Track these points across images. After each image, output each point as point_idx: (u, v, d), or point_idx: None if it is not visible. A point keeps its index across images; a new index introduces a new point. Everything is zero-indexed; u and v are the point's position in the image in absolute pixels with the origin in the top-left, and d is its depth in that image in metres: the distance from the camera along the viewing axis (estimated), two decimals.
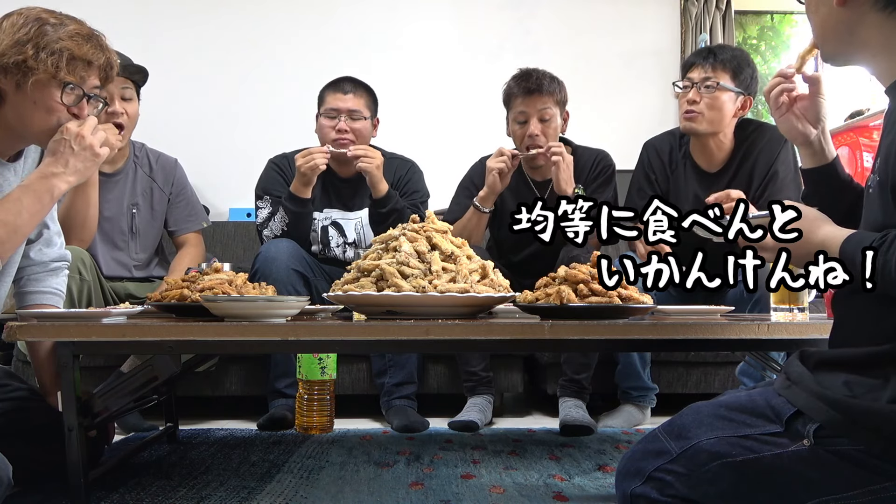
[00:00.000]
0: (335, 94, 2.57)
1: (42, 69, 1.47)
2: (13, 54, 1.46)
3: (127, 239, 2.49)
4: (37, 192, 1.49)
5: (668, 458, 1.06)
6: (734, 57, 2.38)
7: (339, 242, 2.64)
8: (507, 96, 2.57)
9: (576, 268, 1.53)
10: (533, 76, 2.50)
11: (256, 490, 1.63)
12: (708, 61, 2.37)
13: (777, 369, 1.93)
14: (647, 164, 2.55)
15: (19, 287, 1.74)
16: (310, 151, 2.45)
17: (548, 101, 2.49)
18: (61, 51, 1.48)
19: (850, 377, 0.98)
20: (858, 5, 1.04)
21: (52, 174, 1.51)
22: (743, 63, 2.38)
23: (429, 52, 4.21)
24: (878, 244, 0.96)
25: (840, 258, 1.03)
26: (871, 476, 0.94)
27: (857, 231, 1.05)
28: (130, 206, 2.50)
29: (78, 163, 1.52)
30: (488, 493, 1.61)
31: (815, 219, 1.11)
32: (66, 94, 1.52)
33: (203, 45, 4.03)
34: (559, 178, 2.41)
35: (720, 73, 2.36)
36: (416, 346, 2.14)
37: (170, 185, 2.60)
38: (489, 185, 2.46)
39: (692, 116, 2.38)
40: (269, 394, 2.45)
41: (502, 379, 2.59)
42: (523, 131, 2.51)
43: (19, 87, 1.49)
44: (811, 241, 1.09)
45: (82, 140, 1.52)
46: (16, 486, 1.38)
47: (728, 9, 4.38)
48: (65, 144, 1.51)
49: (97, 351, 2.16)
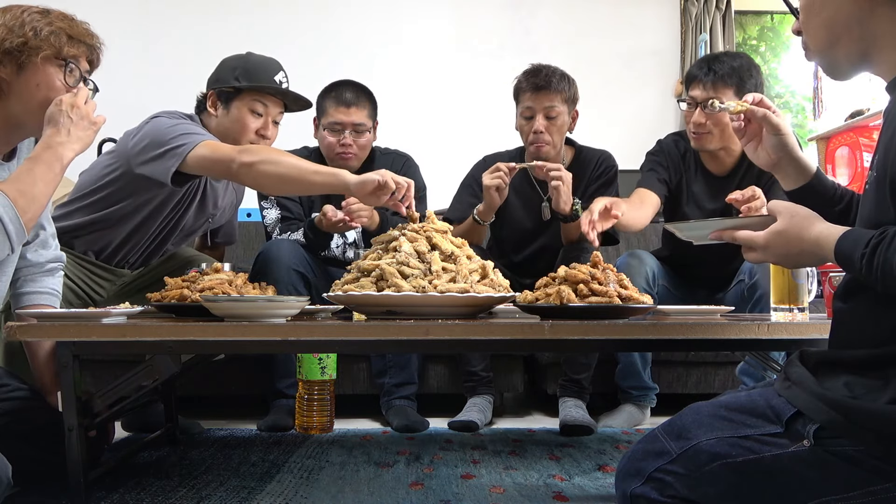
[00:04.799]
0: (338, 108, 2.53)
1: (46, 46, 1.51)
2: (13, 38, 1.49)
3: (181, 239, 2.39)
4: (47, 162, 1.50)
5: (668, 459, 1.06)
6: (734, 70, 2.29)
7: (340, 243, 2.63)
8: (517, 91, 2.56)
9: (576, 268, 1.53)
10: (542, 73, 2.49)
11: (256, 490, 1.63)
12: (708, 78, 2.29)
13: (777, 369, 1.93)
14: (661, 153, 2.51)
15: (16, 288, 1.74)
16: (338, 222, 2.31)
17: (555, 99, 2.48)
18: (58, 31, 1.53)
19: (851, 378, 0.98)
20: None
21: (58, 143, 1.52)
22: (745, 74, 2.30)
23: (429, 52, 4.21)
24: (876, 241, 0.95)
25: (835, 257, 1.02)
26: (871, 477, 0.94)
27: (852, 229, 1.03)
28: (211, 214, 2.40)
29: (79, 131, 1.54)
30: (488, 493, 1.61)
31: (808, 216, 1.09)
32: (69, 75, 1.55)
33: (203, 45, 4.03)
34: (558, 199, 2.37)
35: (722, 90, 2.28)
36: (416, 346, 2.14)
37: (238, 201, 2.57)
38: (487, 203, 2.43)
39: (700, 136, 2.35)
40: (270, 394, 2.45)
41: (502, 379, 2.59)
42: (529, 127, 2.51)
43: (21, 71, 1.51)
44: (804, 238, 1.07)
45: (78, 110, 1.54)
46: (16, 486, 1.38)
47: (728, 9, 4.39)
48: (63, 115, 1.53)
49: (97, 351, 2.16)
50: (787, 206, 1.12)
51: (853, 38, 1.05)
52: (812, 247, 1.06)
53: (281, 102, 2.29)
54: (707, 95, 2.29)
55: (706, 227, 1.26)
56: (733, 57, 2.37)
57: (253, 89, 2.22)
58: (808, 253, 1.08)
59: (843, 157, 3.64)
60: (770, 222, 1.12)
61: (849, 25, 1.04)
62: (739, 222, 1.22)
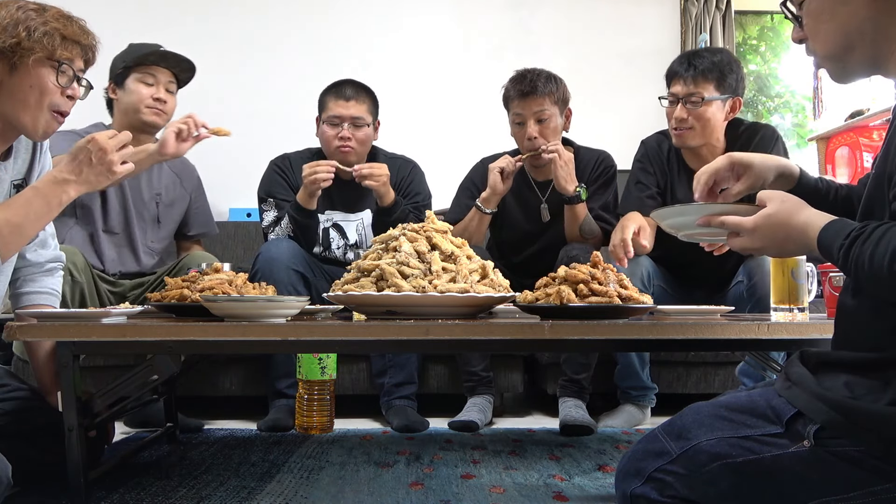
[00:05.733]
0: (337, 101, 2.56)
1: (39, 48, 1.49)
2: (6, 37, 1.48)
3: (146, 227, 2.52)
4: (46, 197, 1.51)
5: (668, 459, 1.06)
6: (714, 64, 2.30)
7: (340, 244, 2.64)
8: (505, 99, 2.58)
9: (576, 268, 1.53)
10: (527, 78, 2.49)
11: (256, 490, 1.63)
12: (689, 73, 2.30)
13: (777, 369, 1.93)
14: (646, 158, 2.52)
15: (15, 288, 1.74)
16: (315, 165, 2.43)
17: (544, 103, 2.48)
18: (52, 32, 1.51)
19: (851, 378, 0.98)
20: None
21: (65, 180, 1.53)
22: (725, 68, 2.30)
23: (429, 51, 4.21)
24: (856, 234, 0.94)
25: (817, 245, 1.02)
26: (872, 477, 0.94)
27: (840, 219, 1.02)
28: (155, 195, 2.55)
29: (91, 175, 1.55)
30: (488, 493, 1.61)
31: (798, 202, 1.09)
32: (61, 76, 1.54)
33: (202, 45, 4.02)
34: (558, 175, 2.40)
35: (703, 85, 2.30)
36: (416, 346, 2.14)
37: (192, 186, 2.66)
38: (491, 186, 2.46)
39: (682, 133, 2.35)
40: (270, 394, 2.45)
41: (502, 379, 2.59)
42: (522, 133, 2.52)
43: (14, 71, 1.50)
44: (791, 223, 1.07)
45: (103, 155, 1.54)
46: (16, 486, 1.38)
47: (728, 9, 4.38)
48: (85, 153, 1.54)
49: (97, 351, 2.16)
50: (777, 193, 1.12)
51: (866, 42, 1.02)
52: (799, 233, 1.06)
53: (168, 71, 2.46)
54: (688, 91, 2.31)
55: (693, 211, 1.21)
56: (713, 52, 2.38)
57: (137, 63, 2.42)
58: (794, 239, 1.07)
59: (843, 157, 3.64)
60: (758, 210, 1.12)
61: (862, 30, 1.01)
62: (727, 208, 1.18)
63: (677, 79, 2.35)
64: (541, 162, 2.54)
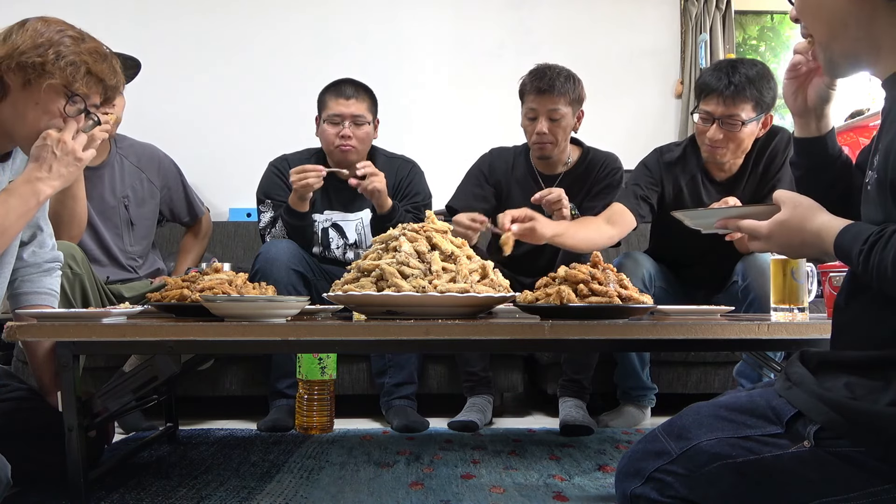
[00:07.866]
0: (337, 100, 2.56)
1: (59, 75, 1.49)
2: (33, 55, 1.48)
3: (121, 232, 2.49)
4: (22, 196, 1.50)
5: (668, 459, 1.06)
6: (751, 81, 2.18)
7: (340, 244, 2.64)
8: (521, 91, 2.55)
9: (576, 268, 1.53)
10: (546, 76, 2.47)
11: (256, 490, 1.63)
12: (728, 91, 2.18)
13: (776, 369, 1.93)
14: (657, 172, 2.45)
15: (14, 289, 1.74)
16: (304, 169, 2.42)
17: (559, 102, 2.47)
18: (79, 63, 1.51)
19: (851, 379, 0.98)
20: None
21: (37, 178, 1.52)
22: (763, 87, 2.19)
23: (429, 51, 4.21)
24: (874, 238, 0.95)
25: (834, 251, 1.02)
26: (872, 478, 0.94)
27: (854, 223, 1.02)
28: (122, 198, 2.51)
29: (61, 167, 1.54)
30: (488, 493, 1.61)
31: (811, 207, 1.09)
32: (70, 105, 1.53)
33: (202, 45, 4.03)
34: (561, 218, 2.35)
35: (741, 105, 2.19)
36: (416, 346, 2.14)
37: (160, 178, 2.61)
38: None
39: (714, 151, 2.28)
40: (270, 394, 2.45)
41: (502, 379, 2.59)
42: (533, 128, 2.52)
43: (27, 86, 1.50)
44: (805, 229, 1.07)
45: (64, 145, 1.53)
46: (16, 486, 1.38)
47: (728, 9, 4.38)
48: (47, 150, 1.52)
49: (97, 351, 2.16)
50: (791, 196, 1.11)
51: (849, 38, 1.04)
52: (813, 238, 1.06)
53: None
54: (725, 112, 2.20)
55: (713, 214, 1.29)
56: (749, 65, 2.22)
57: None
58: (810, 244, 1.07)
59: None
60: (775, 212, 1.12)
61: (846, 24, 1.03)
62: (744, 211, 1.23)
63: (713, 95, 2.21)
64: (545, 153, 2.53)
